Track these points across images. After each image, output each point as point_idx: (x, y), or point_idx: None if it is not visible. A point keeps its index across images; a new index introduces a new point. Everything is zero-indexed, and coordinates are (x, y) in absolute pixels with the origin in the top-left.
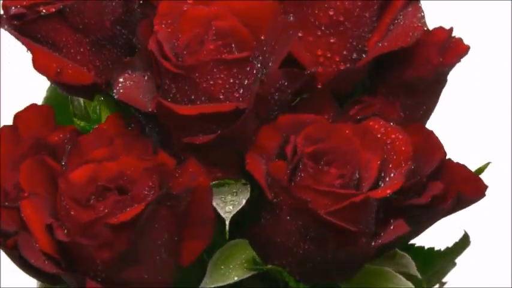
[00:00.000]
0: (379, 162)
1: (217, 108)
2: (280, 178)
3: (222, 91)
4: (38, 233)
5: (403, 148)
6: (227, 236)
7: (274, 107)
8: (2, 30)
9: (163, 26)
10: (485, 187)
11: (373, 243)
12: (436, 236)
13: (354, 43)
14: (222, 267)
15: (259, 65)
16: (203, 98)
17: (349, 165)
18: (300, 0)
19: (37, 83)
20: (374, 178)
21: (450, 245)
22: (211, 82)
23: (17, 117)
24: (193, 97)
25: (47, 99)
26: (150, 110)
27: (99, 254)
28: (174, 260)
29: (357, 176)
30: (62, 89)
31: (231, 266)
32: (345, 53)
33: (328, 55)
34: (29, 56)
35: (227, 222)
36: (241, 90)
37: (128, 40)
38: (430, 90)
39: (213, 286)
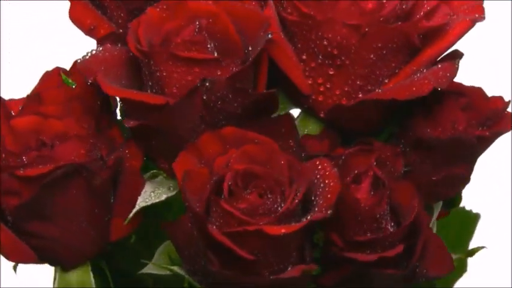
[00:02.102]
0: (296, 201)
1: (145, 98)
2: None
3: (177, 85)
4: None
5: (329, 196)
6: (127, 221)
7: (219, 115)
8: (2, 29)
9: (158, 9)
10: (452, 267)
11: (271, 277)
12: None
13: (358, 82)
14: (162, 256)
15: (235, 69)
16: (156, 87)
17: (272, 195)
18: (303, 21)
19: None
20: (282, 213)
21: None
22: (164, 74)
23: None
24: (150, 83)
25: None
26: (88, 83)
27: (6, 199)
28: (98, 233)
29: (278, 208)
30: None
31: (162, 258)
32: (346, 89)
33: (328, 86)
34: (29, 54)
35: (133, 211)
36: None
37: None
38: (446, 152)
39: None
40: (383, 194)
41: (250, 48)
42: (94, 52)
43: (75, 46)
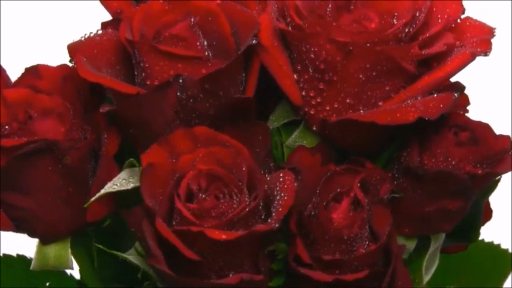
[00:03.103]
0: (247, 210)
1: (116, 86)
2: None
3: (159, 78)
4: None
5: (280, 209)
6: (87, 204)
7: (191, 113)
8: (2, 28)
9: (161, 1)
10: None
11: (206, 280)
12: None
13: (348, 100)
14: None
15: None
16: (140, 78)
17: (229, 199)
18: (294, 32)
19: None
20: (230, 219)
21: None
22: (146, 65)
23: None
24: (136, 73)
25: None
26: (70, 64)
27: None
28: (75, 213)
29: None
30: None
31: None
32: (336, 105)
33: (319, 100)
34: (28, 53)
35: (96, 196)
36: None
37: None
38: (438, 185)
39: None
40: (357, 217)
41: (241, 49)
42: (92, 35)
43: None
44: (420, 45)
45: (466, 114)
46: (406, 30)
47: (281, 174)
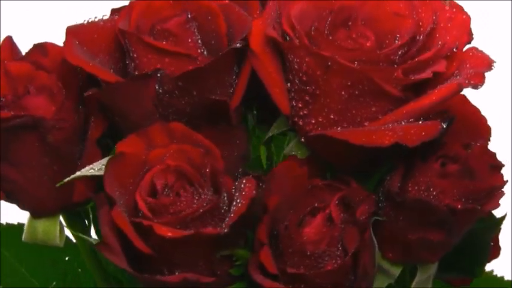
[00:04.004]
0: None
1: (96, 72)
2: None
3: (146, 70)
4: None
5: (232, 215)
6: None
7: (169, 108)
8: (2, 28)
9: None
10: None
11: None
12: None
13: (332, 116)
14: None
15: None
16: (130, 68)
17: (190, 198)
18: (282, 41)
19: None
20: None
21: None
22: (135, 55)
23: None
24: (127, 62)
25: None
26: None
27: None
28: (61, 191)
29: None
30: None
31: None
32: (320, 119)
33: (306, 112)
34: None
35: (68, 178)
36: None
37: None
38: (418, 214)
39: None
40: (327, 234)
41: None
42: (97, 20)
43: None
44: (407, 69)
45: None
46: (400, 52)
47: (244, 181)
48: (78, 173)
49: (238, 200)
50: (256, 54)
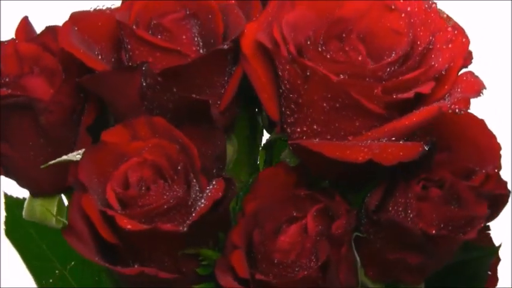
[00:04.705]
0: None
1: (85, 59)
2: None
3: (138, 63)
4: None
5: (193, 214)
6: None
7: (153, 102)
8: (2, 27)
9: None
10: None
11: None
12: None
13: (315, 126)
14: None
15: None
16: (125, 59)
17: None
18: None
19: None
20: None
21: None
22: (129, 47)
23: None
24: (123, 53)
25: None
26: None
27: None
28: (56, 173)
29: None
30: None
31: None
32: (304, 129)
33: (292, 120)
34: None
35: (51, 162)
36: None
37: None
38: (395, 235)
39: None
40: (298, 245)
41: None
42: (104, 8)
43: None
44: (389, 87)
45: None
46: (389, 69)
47: (214, 182)
48: (64, 157)
49: (202, 201)
50: (246, 57)
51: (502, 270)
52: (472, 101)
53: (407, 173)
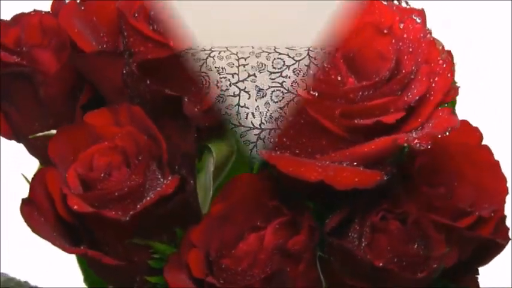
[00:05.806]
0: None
1: (77, 39)
2: None
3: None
4: None
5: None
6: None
7: (134, 91)
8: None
9: None
10: None
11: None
12: None
13: (285, 139)
14: None
15: None
16: (122, 45)
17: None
18: None
19: None
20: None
21: None
22: (125, 34)
23: None
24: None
25: None
26: None
27: None
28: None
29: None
30: None
31: None
32: (277, 140)
33: (272, 130)
34: None
35: (41, 133)
36: None
37: None
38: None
39: None
40: (251, 255)
41: None
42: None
43: None
44: (350, 111)
45: None
46: (361, 93)
47: (169, 178)
48: (52, 131)
49: (151, 194)
50: None
51: (502, 270)
52: (472, 101)
53: (370, 201)
